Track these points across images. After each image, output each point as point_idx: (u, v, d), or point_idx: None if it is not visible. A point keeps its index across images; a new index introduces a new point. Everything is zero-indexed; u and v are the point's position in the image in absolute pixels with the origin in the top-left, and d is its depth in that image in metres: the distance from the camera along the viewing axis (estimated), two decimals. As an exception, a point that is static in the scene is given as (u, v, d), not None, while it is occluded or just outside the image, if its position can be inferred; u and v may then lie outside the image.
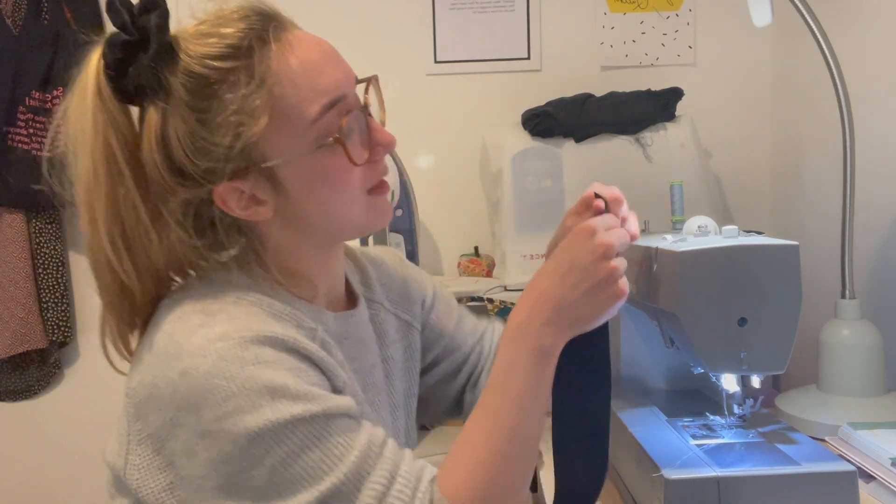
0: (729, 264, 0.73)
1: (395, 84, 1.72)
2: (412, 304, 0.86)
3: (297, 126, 0.63)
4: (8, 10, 1.62)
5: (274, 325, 0.60)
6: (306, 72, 0.63)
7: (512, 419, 0.61)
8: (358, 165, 0.65)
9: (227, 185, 0.63)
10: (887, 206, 1.19)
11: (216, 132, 0.61)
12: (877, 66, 1.22)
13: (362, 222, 0.69)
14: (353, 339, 0.73)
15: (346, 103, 0.66)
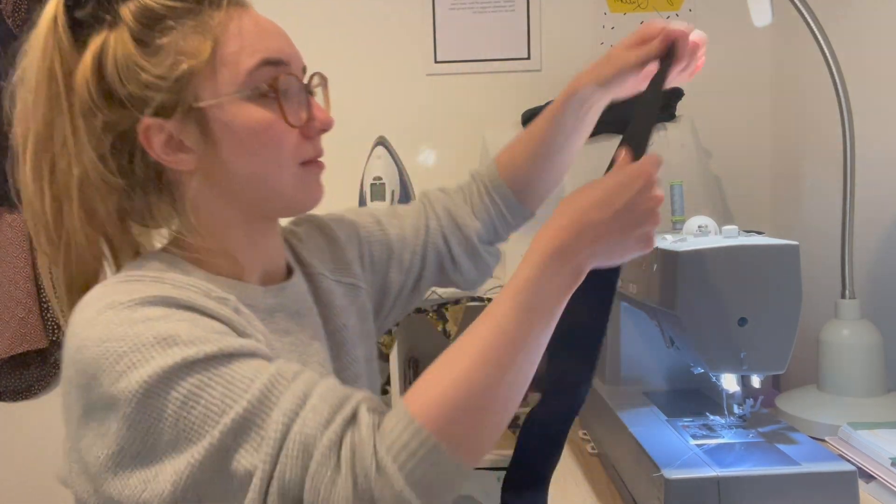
0: (729, 264, 0.73)
1: (395, 84, 1.73)
2: (349, 264, 0.83)
3: (233, 73, 0.63)
4: (8, 10, 1.62)
5: (167, 291, 0.59)
6: (253, 31, 0.66)
7: (522, 337, 0.59)
8: (292, 125, 0.65)
9: (153, 121, 0.62)
10: (887, 206, 1.19)
11: (152, 61, 0.62)
12: (877, 66, 1.22)
13: (290, 194, 0.68)
14: (289, 311, 0.71)
15: (286, 68, 0.67)
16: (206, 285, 0.63)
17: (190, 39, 0.63)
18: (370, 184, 1.45)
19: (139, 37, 0.62)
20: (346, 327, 0.79)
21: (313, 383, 0.57)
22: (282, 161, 0.66)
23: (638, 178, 0.62)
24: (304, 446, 0.53)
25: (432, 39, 1.71)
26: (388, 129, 1.58)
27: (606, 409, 0.93)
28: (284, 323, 0.70)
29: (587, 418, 1.08)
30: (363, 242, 0.87)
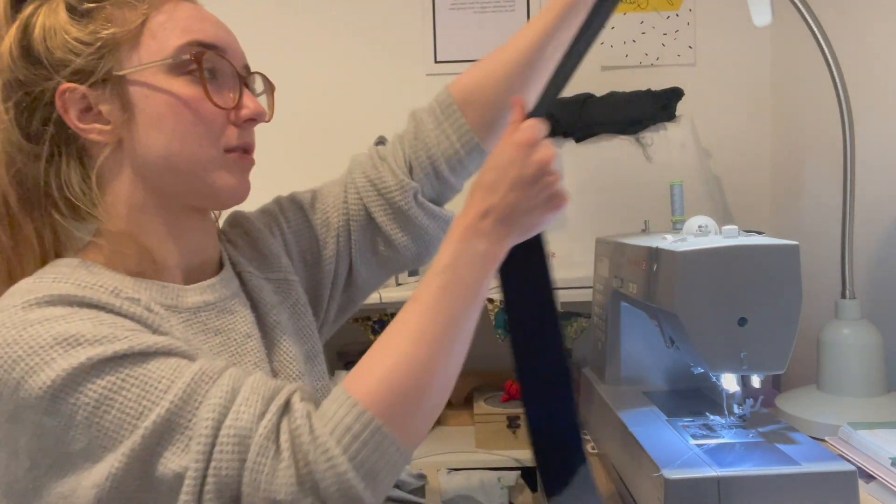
0: (729, 264, 0.73)
1: (395, 84, 1.73)
2: (276, 257, 0.80)
3: (161, 45, 0.62)
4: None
5: (70, 290, 0.56)
6: (189, 14, 0.65)
7: (450, 314, 0.60)
8: (215, 104, 0.63)
9: (70, 86, 0.61)
10: (887, 206, 1.19)
11: (78, 26, 0.61)
12: (877, 66, 1.22)
13: (210, 180, 0.64)
14: (218, 309, 0.68)
15: (218, 53, 0.65)
16: (114, 285, 0.59)
17: (121, 9, 0.62)
18: (370, 184, 1.45)
19: (70, 3, 0.62)
20: (280, 324, 0.75)
21: (241, 378, 0.56)
22: (202, 142, 0.63)
23: (518, 148, 0.63)
24: (240, 439, 0.52)
25: (432, 39, 1.71)
26: (389, 129, 1.58)
27: (606, 409, 0.93)
28: (214, 321, 0.67)
29: (587, 418, 1.08)
30: (285, 233, 0.83)
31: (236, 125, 0.66)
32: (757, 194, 1.70)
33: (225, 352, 0.67)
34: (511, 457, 1.38)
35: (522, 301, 0.71)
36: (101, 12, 0.62)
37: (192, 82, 0.63)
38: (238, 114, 0.66)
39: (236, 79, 0.66)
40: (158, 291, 0.64)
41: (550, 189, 0.63)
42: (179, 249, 0.67)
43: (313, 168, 1.75)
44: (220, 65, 0.65)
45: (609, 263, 1.03)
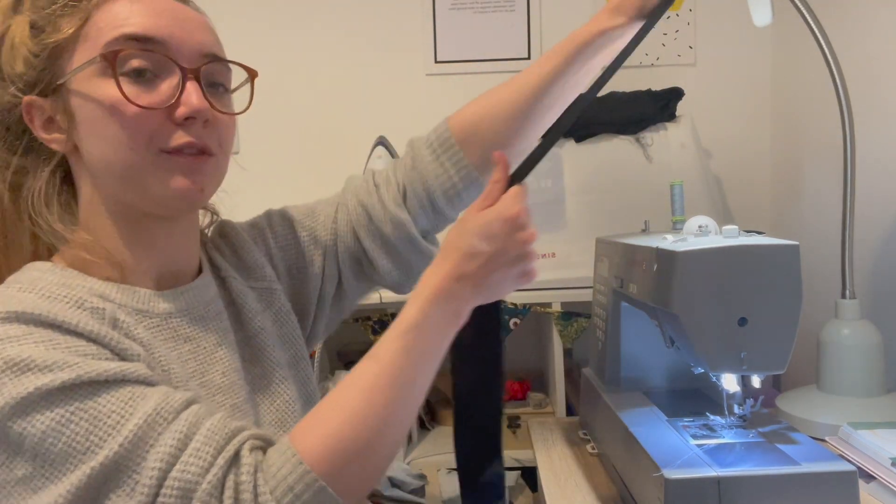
0: (729, 264, 0.73)
1: (395, 84, 1.73)
2: (258, 268, 0.80)
3: (91, 47, 0.61)
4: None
5: (32, 303, 0.55)
6: (129, 9, 0.62)
7: (409, 376, 0.60)
8: (134, 104, 0.60)
9: (31, 99, 0.63)
10: (887, 206, 1.19)
11: (33, 39, 0.62)
12: (877, 67, 1.22)
13: (146, 185, 0.62)
14: (191, 316, 0.67)
15: (155, 46, 0.61)
16: (80, 294, 0.59)
17: (66, 17, 0.62)
18: (370, 184, 1.45)
19: (33, 19, 0.63)
20: (264, 330, 0.75)
21: (198, 421, 0.54)
22: (134, 145, 0.61)
23: (505, 223, 0.63)
24: (183, 493, 0.51)
25: (432, 39, 1.71)
26: (388, 129, 1.58)
27: (606, 409, 0.93)
28: (185, 329, 0.66)
29: (587, 418, 1.08)
30: (271, 246, 0.83)
31: (178, 124, 0.62)
32: (757, 194, 1.70)
33: (194, 359, 0.66)
34: (511, 457, 1.38)
35: (472, 360, 0.73)
36: (50, 22, 0.62)
37: (125, 83, 0.60)
38: (174, 112, 0.62)
39: (175, 72, 0.62)
40: (130, 296, 0.63)
41: (526, 267, 0.65)
42: (148, 256, 0.66)
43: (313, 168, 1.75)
44: (152, 58, 0.61)
45: (609, 263, 1.03)
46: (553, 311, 1.37)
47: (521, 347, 1.70)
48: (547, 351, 1.49)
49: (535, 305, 1.37)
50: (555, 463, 0.98)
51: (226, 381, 0.68)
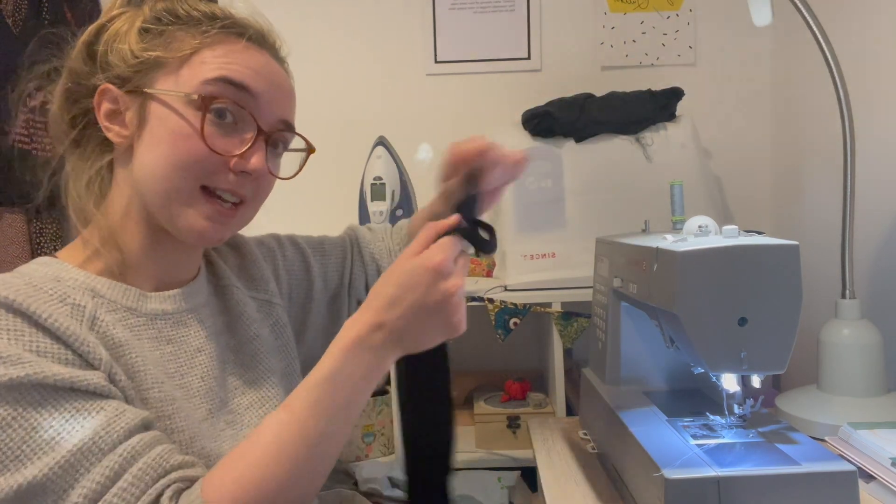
0: (729, 264, 0.73)
1: (395, 84, 1.73)
2: (262, 282, 0.84)
3: (192, 76, 0.65)
4: (8, 10, 1.62)
5: (15, 289, 0.57)
6: (239, 57, 0.67)
7: (320, 428, 0.59)
8: (206, 143, 0.64)
9: (108, 87, 0.67)
10: (887, 206, 1.19)
11: (138, 40, 0.67)
12: (877, 66, 1.22)
13: (175, 213, 0.66)
14: (176, 320, 0.70)
15: (243, 94, 0.67)
16: (67, 289, 0.61)
17: (179, 37, 0.66)
18: (370, 184, 1.45)
19: (147, 23, 0.67)
20: (259, 337, 0.78)
21: (133, 456, 0.54)
22: (185, 172, 0.65)
23: (425, 273, 0.61)
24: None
25: (432, 39, 1.71)
26: (388, 129, 1.58)
27: (606, 409, 0.93)
28: (169, 330, 0.69)
29: (587, 418, 1.08)
30: (279, 268, 0.87)
31: (230, 170, 0.67)
32: (757, 194, 1.70)
33: (174, 361, 0.68)
34: (511, 457, 1.38)
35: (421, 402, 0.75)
36: (164, 35, 0.66)
37: (196, 115, 0.65)
38: (235, 162, 0.67)
39: (253, 128, 0.67)
40: (121, 293, 0.67)
41: (450, 318, 0.62)
42: (154, 260, 0.70)
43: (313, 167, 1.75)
44: (239, 111, 0.67)
45: (609, 263, 1.03)
46: (553, 311, 1.37)
47: (521, 347, 1.70)
48: (547, 351, 1.49)
49: (535, 305, 1.38)
50: (555, 463, 0.98)
51: (203, 385, 0.70)
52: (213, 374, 0.71)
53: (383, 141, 1.52)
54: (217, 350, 0.73)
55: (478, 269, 1.62)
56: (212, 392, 0.70)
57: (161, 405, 0.63)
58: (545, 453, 1.02)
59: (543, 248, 1.42)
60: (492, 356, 1.70)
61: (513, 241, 1.43)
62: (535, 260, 1.42)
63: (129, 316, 0.66)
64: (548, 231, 1.42)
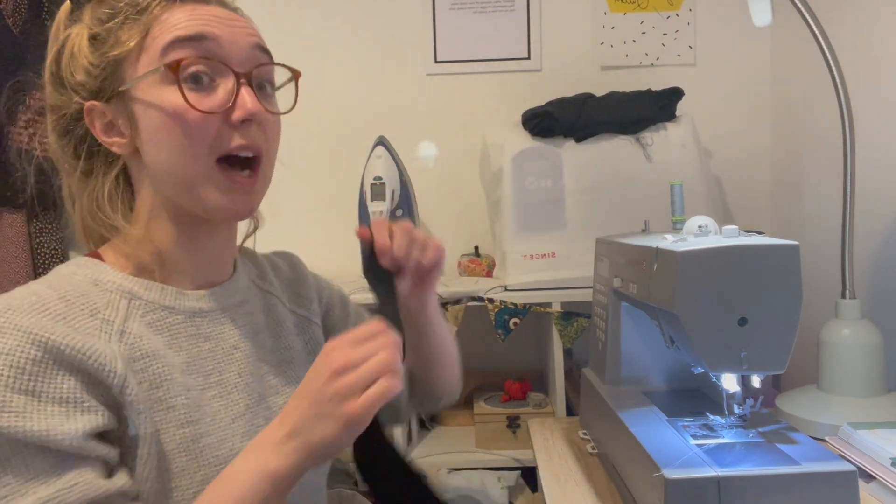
0: (729, 264, 0.73)
1: (395, 84, 1.73)
2: (307, 301, 0.86)
3: (151, 55, 0.64)
4: (8, 10, 1.62)
5: (39, 314, 0.57)
6: (184, 16, 0.65)
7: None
8: (196, 109, 0.63)
9: (93, 104, 0.66)
10: (887, 206, 1.19)
11: (93, 50, 0.66)
12: (877, 67, 1.22)
13: (203, 193, 0.65)
14: (210, 317, 0.71)
15: (206, 45, 0.64)
16: (101, 295, 0.63)
17: (125, 29, 0.65)
18: (370, 184, 1.45)
19: (92, 30, 0.66)
20: (293, 348, 0.80)
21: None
22: (195, 152, 0.64)
23: (323, 369, 0.59)
24: None
25: (432, 39, 1.71)
26: (388, 129, 1.58)
27: (606, 409, 0.93)
28: (206, 328, 0.70)
29: (587, 418, 1.08)
30: (324, 306, 0.89)
31: (233, 127, 0.65)
32: (757, 194, 1.70)
33: (212, 358, 0.69)
34: (511, 457, 1.38)
35: None
36: (111, 34, 0.65)
37: (185, 90, 0.64)
38: (230, 116, 0.65)
39: (230, 76, 0.66)
40: (158, 292, 0.67)
41: (344, 411, 0.58)
42: (190, 257, 0.71)
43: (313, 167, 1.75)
44: (209, 65, 0.65)
45: (609, 263, 1.03)
46: (553, 311, 1.37)
47: (521, 347, 1.70)
48: (547, 351, 1.49)
49: (535, 305, 1.38)
50: (555, 463, 0.98)
51: (241, 381, 0.70)
52: (249, 371, 0.72)
53: (383, 141, 1.52)
54: (254, 348, 0.74)
55: (478, 269, 1.62)
56: (249, 387, 0.71)
57: (188, 411, 0.64)
58: (545, 453, 1.02)
59: (543, 248, 1.42)
60: (492, 356, 1.71)
61: (513, 241, 1.43)
62: (535, 260, 1.42)
63: (167, 315, 0.67)
64: (548, 231, 1.42)
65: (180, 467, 0.61)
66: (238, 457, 0.60)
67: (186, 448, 0.62)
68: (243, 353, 0.72)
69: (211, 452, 0.64)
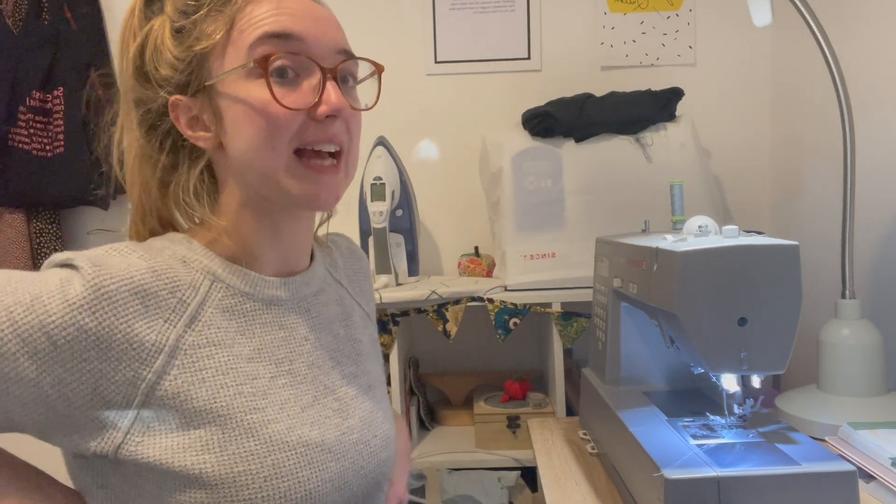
0: (729, 264, 0.73)
1: (395, 84, 1.73)
2: (364, 297, 0.88)
3: (238, 49, 0.65)
4: (8, 10, 1.62)
5: (124, 274, 0.60)
6: (268, 9, 0.65)
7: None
8: (282, 105, 0.64)
9: (178, 99, 0.67)
10: (887, 206, 1.19)
11: (177, 44, 0.66)
12: (877, 66, 1.22)
13: (286, 183, 0.66)
14: (285, 307, 0.72)
15: (293, 44, 0.65)
16: (186, 272, 0.65)
17: (209, 22, 0.65)
18: (370, 184, 1.45)
19: (175, 23, 0.66)
20: (361, 341, 0.81)
21: None
22: (276, 145, 0.65)
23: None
24: None
25: (432, 39, 1.71)
26: (388, 129, 1.58)
27: (606, 409, 0.93)
28: (281, 317, 0.71)
29: (587, 418, 1.08)
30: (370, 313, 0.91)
31: (318, 122, 0.66)
32: (757, 194, 1.70)
33: (285, 347, 0.70)
34: (511, 457, 1.38)
35: None
36: (195, 27, 0.66)
37: (263, 81, 0.64)
38: (315, 111, 0.66)
39: (316, 72, 0.66)
40: (240, 278, 0.69)
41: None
42: (272, 246, 0.72)
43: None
44: (296, 60, 0.65)
45: (609, 263, 1.03)
46: (553, 311, 1.37)
47: (521, 347, 1.70)
48: (547, 351, 1.49)
49: (535, 305, 1.38)
50: (555, 463, 0.98)
51: (310, 373, 0.71)
52: (318, 363, 0.73)
53: (383, 141, 1.52)
54: (326, 339, 0.75)
55: (477, 269, 1.62)
56: (317, 380, 0.72)
57: (253, 399, 0.65)
58: (545, 453, 1.02)
59: (543, 248, 1.42)
60: (492, 356, 1.71)
61: (513, 240, 1.43)
62: (535, 260, 1.42)
63: (245, 301, 0.68)
64: (548, 231, 1.42)
65: (248, 451, 0.62)
66: None
67: (253, 433, 0.63)
68: (313, 346, 0.73)
69: (280, 439, 0.64)
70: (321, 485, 0.65)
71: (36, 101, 1.62)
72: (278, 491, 0.62)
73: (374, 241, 1.44)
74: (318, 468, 0.65)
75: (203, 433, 0.61)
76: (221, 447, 0.61)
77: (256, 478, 0.62)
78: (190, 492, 0.60)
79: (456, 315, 1.38)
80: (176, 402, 0.60)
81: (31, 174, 1.61)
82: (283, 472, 0.63)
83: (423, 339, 1.70)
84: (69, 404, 0.58)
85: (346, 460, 0.68)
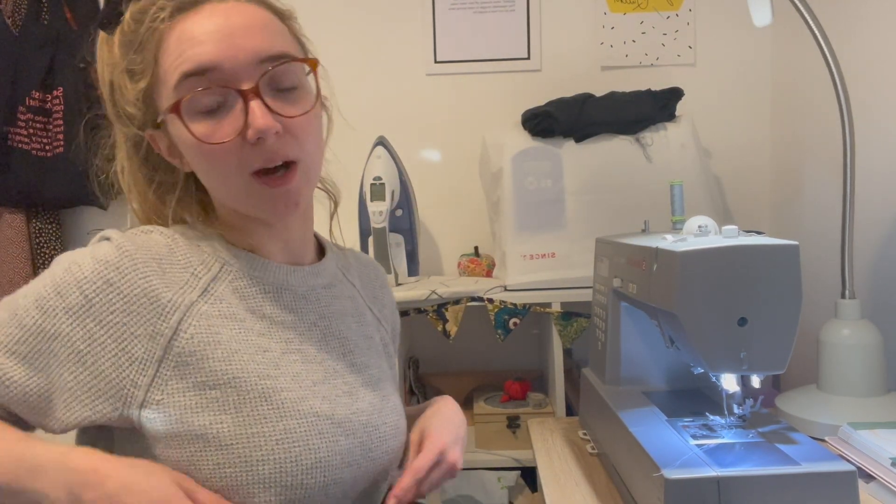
0: (729, 264, 0.73)
1: (395, 84, 1.73)
2: (383, 307, 0.89)
3: (167, 89, 0.66)
4: (8, 10, 1.62)
5: (145, 248, 0.66)
6: (181, 41, 0.65)
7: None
8: (211, 143, 0.64)
9: (152, 132, 0.70)
10: (887, 206, 1.19)
11: (131, 82, 0.68)
12: (877, 66, 1.22)
13: (246, 205, 0.69)
14: (293, 293, 0.74)
15: (210, 76, 0.64)
16: (199, 254, 0.69)
17: (144, 57, 0.67)
18: (370, 184, 1.45)
19: (122, 63, 0.68)
20: (372, 338, 0.82)
21: None
22: (227, 172, 0.66)
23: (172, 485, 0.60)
24: None
25: (432, 39, 1.71)
26: (388, 129, 1.58)
27: (606, 409, 0.93)
28: (292, 302, 0.74)
29: (587, 418, 1.08)
30: (391, 325, 0.91)
31: (254, 145, 0.65)
32: (757, 194, 1.70)
33: (294, 329, 0.72)
34: (511, 457, 1.38)
35: None
36: (136, 65, 0.67)
37: (199, 121, 0.65)
38: (244, 133, 0.64)
39: (235, 97, 0.64)
40: (249, 263, 0.72)
41: None
42: (274, 237, 0.74)
43: (313, 168, 1.75)
44: (215, 94, 0.64)
45: (609, 263, 1.03)
46: (553, 311, 1.37)
47: (521, 347, 1.70)
48: (547, 351, 1.49)
49: (535, 305, 1.37)
50: (555, 463, 0.98)
51: (318, 355, 0.73)
52: (327, 349, 0.74)
53: (383, 141, 1.51)
54: (336, 328, 0.76)
55: (477, 269, 1.62)
56: (326, 363, 0.73)
57: (265, 368, 0.67)
58: (545, 453, 1.02)
59: (543, 248, 1.42)
60: (492, 356, 1.71)
61: (513, 241, 1.43)
62: (534, 260, 1.42)
63: (255, 283, 0.71)
64: (548, 231, 1.42)
65: (261, 414, 0.64)
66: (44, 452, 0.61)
67: (267, 398, 0.65)
68: (322, 332, 0.75)
69: (292, 407, 0.66)
70: (331, 455, 0.66)
71: (35, 101, 1.62)
72: (290, 455, 0.63)
73: (373, 241, 1.44)
74: (328, 439, 0.67)
75: (219, 394, 0.63)
76: (237, 408, 0.63)
77: (269, 440, 0.63)
78: (205, 454, 0.62)
79: (456, 315, 1.38)
80: (193, 360, 0.63)
81: (30, 174, 1.61)
82: (295, 436, 0.65)
83: (423, 339, 1.70)
84: (97, 360, 0.62)
85: (356, 438, 0.70)
